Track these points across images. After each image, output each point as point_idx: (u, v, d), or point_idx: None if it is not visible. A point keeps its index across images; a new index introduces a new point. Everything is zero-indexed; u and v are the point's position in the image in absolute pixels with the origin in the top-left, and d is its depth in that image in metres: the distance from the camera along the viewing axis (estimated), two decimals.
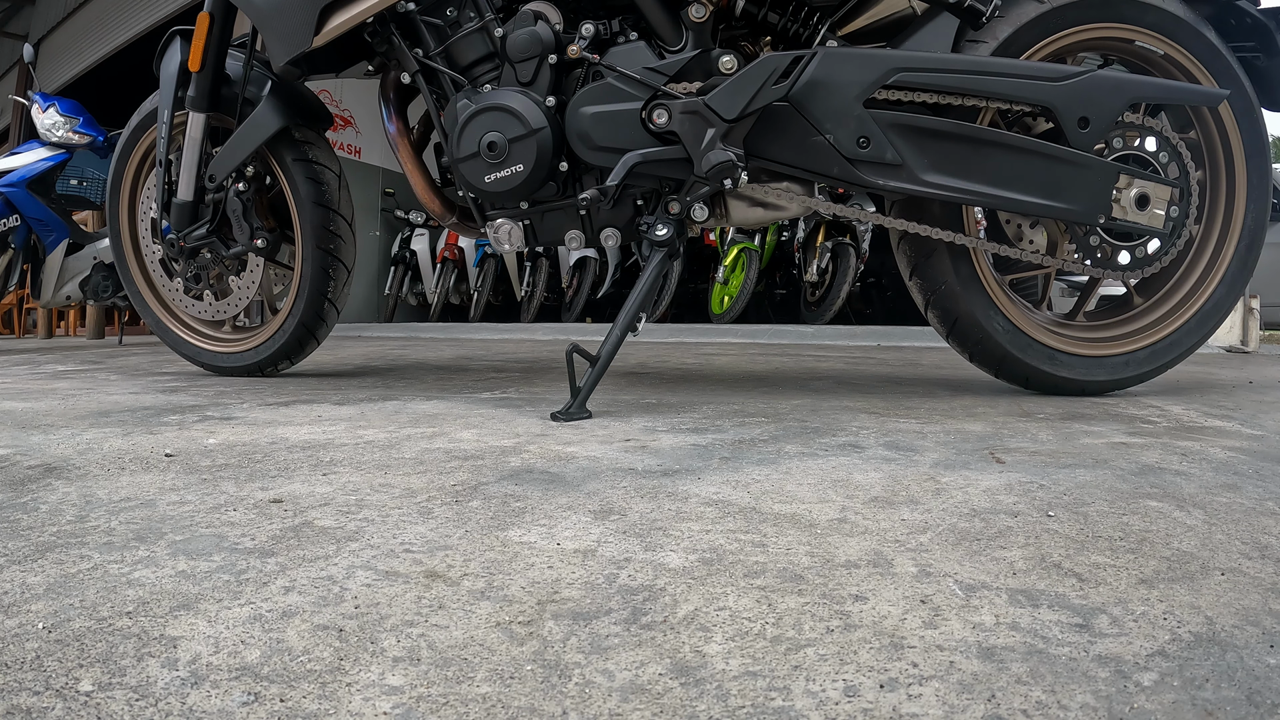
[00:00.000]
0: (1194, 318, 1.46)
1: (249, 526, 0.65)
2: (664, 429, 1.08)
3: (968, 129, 1.27)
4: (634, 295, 1.26)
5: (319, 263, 1.74)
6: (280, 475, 0.82)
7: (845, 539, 0.60)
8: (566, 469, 0.84)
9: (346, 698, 0.38)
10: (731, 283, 5.54)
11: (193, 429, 1.12)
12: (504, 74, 1.40)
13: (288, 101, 1.69)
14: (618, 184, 1.33)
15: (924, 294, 1.44)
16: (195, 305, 1.89)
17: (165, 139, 1.75)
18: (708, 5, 1.31)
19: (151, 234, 1.93)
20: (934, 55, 1.27)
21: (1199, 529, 0.62)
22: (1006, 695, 0.38)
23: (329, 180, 1.76)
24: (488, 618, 0.47)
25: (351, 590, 0.51)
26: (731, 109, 1.26)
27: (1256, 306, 3.20)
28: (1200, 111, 1.45)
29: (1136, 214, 1.32)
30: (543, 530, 0.63)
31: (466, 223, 1.60)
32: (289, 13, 1.46)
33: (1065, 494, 0.73)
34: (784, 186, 1.38)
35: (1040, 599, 0.49)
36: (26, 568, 0.55)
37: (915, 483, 0.77)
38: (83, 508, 0.71)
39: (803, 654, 0.42)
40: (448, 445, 0.98)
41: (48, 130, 3.49)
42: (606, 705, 0.37)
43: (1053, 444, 0.97)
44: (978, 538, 0.60)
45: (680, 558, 0.56)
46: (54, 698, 0.38)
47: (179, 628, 0.46)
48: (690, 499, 0.71)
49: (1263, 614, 0.46)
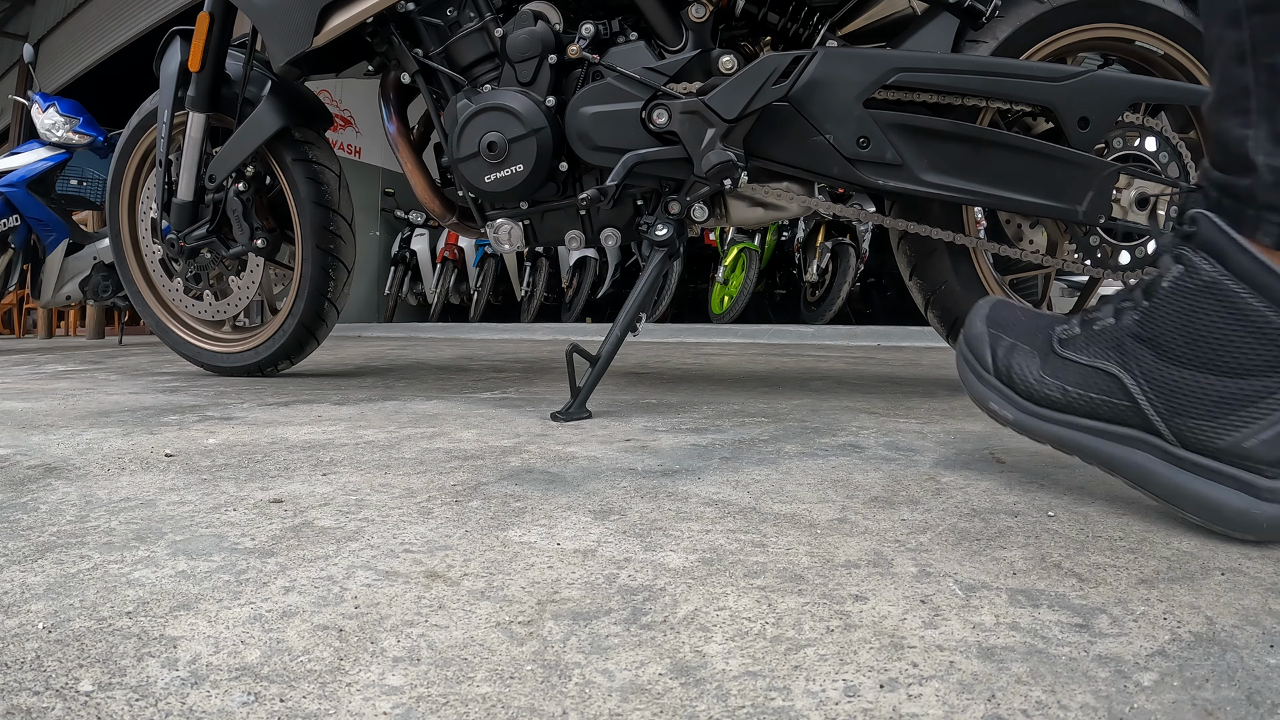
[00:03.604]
0: None
1: (249, 526, 0.65)
2: (664, 429, 1.08)
3: (968, 129, 1.27)
4: (634, 295, 1.26)
5: (319, 263, 1.74)
6: (280, 475, 0.83)
7: (845, 539, 0.60)
8: (566, 469, 0.84)
9: (346, 698, 0.38)
10: (731, 283, 5.55)
11: (193, 429, 1.12)
12: (504, 74, 1.40)
13: (288, 101, 1.69)
14: (618, 184, 1.33)
15: (924, 294, 1.44)
16: (195, 305, 1.90)
17: (165, 139, 1.75)
18: (708, 5, 1.31)
19: (151, 234, 1.93)
20: (934, 55, 1.27)
21: (1199, 529, 0.62)
22: (1006, 695, 0.38)
23: (329, 180, 1.76)
24: (488, 618, 0.47)
25: (351, 590, 0.51)
26: (731, 109, 1.26)
27: None
28: (1200, 111, 1.45)
29: (1136, 214, 1.33)
30: (543, 530, 0.63)
31: (466, 223, 1.60)
32: (289, 13, 1.46)
33: (1065, 494, 0.73)
34: (784, 186, 1.38)
35: (1040, 599, 0.49)
36: (26, 568, 0.55)
37: (915, 483, 0.77)
38: (83, 508, 0.71)
39: (803, 654, 0.42)
40: (448, 445, 0.98)
41: (48, 130, 3.49)
42: (606, 705, 0.37)
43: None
44: (978, 538, 0.60)
45: (680, 558, 0.56)
46: (54, 698, 0.38)
47: (179, 628, 0.46)
48: (690, 499, 0.71)
49: (1263, 614, 0.46)
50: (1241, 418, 0.60)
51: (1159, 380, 0.63)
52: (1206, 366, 0.61)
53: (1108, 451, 0.67)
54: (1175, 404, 0.62)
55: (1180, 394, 0.62)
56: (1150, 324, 0.64)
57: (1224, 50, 0.61)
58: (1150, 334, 0.64)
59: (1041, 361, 0.71)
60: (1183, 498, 0.63)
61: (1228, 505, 0.61)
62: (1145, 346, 0.64)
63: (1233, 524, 0.61)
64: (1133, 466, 0.66)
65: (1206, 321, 0.60)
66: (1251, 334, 0.59)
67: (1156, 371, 0.63)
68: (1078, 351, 0.69)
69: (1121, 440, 0.66)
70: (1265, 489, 0.59)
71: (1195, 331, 0.61)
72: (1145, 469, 0.65)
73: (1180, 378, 0.62)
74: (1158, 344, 0.63)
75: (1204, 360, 0.61)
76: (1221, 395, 0.60)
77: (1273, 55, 0.57)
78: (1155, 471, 0.64)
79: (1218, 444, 0.61)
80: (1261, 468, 0.59)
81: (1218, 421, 0.61)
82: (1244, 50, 0.58)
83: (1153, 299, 0.64)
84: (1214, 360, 0.60)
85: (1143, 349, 0.64)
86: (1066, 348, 0.70)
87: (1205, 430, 0.61)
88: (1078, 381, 0.68)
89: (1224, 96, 0.61)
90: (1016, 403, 0.72)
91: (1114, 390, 0.66)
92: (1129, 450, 0.66)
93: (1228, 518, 0.61)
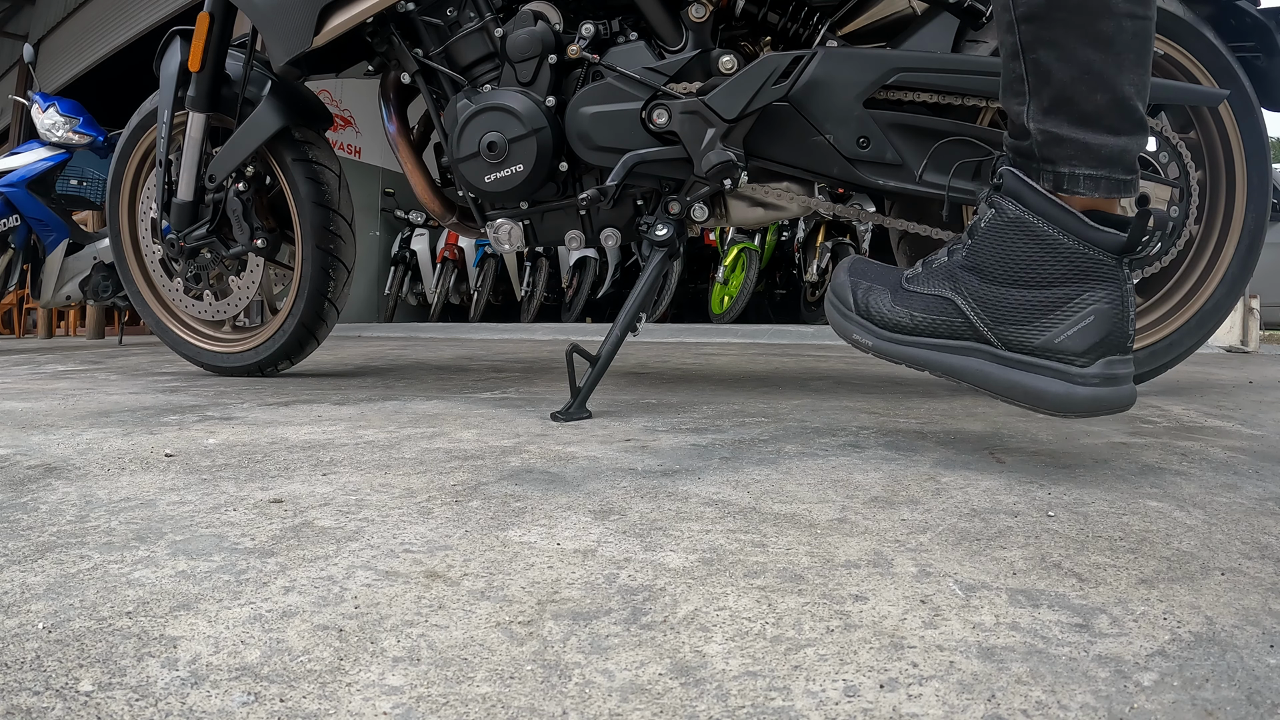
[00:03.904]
0: (1194, 318, 1.46)
1: (249, 526, 0.65)
2: (664, 429, 1.08)
3: (968, 129, 1.27)
4: (634, 295, 1.26)
5: (319, 263, 1.74)
6: (280, 475, 0.83)
7: (845, 539, 0.60)
8: (566, 469, 0.84)
9: (346, 698, 0.38)
10: (731, 283, 5.55)
11: (193, 429, 1.12)
12: (504, 74, 1.40)
13: (287, 101, 1.69)
14: (617, 184, 1.33)
15: None
16: (195, 305, 1.89)
17: (165, 139, 1.75)
18: (708, 5, 1.31)
19: (151, 234, 1.93)
20: (934, 55, 1.27)
21: (1199, 529, 0.62)
22: (1006, 695, 0.38)
23: (329, 180, 1.76)
24: (488, 618, 0.47)
25: (351, 590, 0.51)
26: (731, 109, 1.26)
27: (1256, 306, 3.20)
28: (1200, 112, 1.45)
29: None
30: (543, 530, 0.63)
31: (466, 223, 1.60)
32: (289, 13, 1.46)
33: (1065, 494, 0.73)
34: (784, 186, 1.38)
35: (1040, 599, 0.49)
36: (26, 568, 0.55)
37: (915, 483, 0.77)
38: (83, 508, 0.71)
39: (803, 654, 0.42)
40: (448, 445, 0.98)
41: (48, 130, 3.49)
42: (606, 705, 0.37)
43: (1053, 444, 0.97)
44: (978, 538, 0.60)
45: (680, 558, 0.56)
46: (54, 698, 0.38)
47: (179, 628, 0.46)
48: (690, 499, 0.72)
49: (1263, 614, 0.46)
50: (1050, 320, 0.76)
51: (984, 298, 0.80)
52: (1019, 282, 0.78)
53: (950, 362, 0.82)
54: (999, 314, 0.79)
55: (1002, 307, 0.78)
56: (974, 256, 0.80)
57: (1005, 50, 0.80)
58: (974, 263, 0.80)
59: (893, 296, 0.86)
60: (1014, 389, 0.78)
61: (1050, 392, 0.77)
62: (971, 274, 0.81)
63: (1055, 406, 0.77)
64: (971, 371, 0.81)
65: (1015, 247, 0.78)
66: (1048, 253, 0.76)
67: (982, 291, 0.80)
68: (920, 285, 0.84)
69: (960, 351, 0.82)
70: (1078, 375, 0.76)
71: (1008, 256, 0.78)
72: (982, 371, 0.80)
73: (1000, 294, 0.79)
74: (980, 270, 0.80)
75: (1017, 278, 0.78)
76: (1033, 304, 0.77)
77: (1036, 53, 0.76)
78: (989, 373, 0.80)
79: (1035, 342, 0.77)
80: (1073, 359, 0.76)
81: (1033, 325, 0.77)
82: (1017, 50, 0.78)
83: (975, 236, 0.81)
84: (1024, 277, 0.77)
85: (970, 275, 0.81)
86: (911, 283, 0.85)
87: (1024, 333, 0.78)
88: (922, 307, 0.83)
89: (1007, 84, 0.81)
90: (875, 331, 0.86)
91: (950, 311, 0.82)
92: (966, 359, 0.81)
93: (1051, 402, 0.76)
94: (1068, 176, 0.77)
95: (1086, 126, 0.75)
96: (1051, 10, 0.74)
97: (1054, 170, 0.77)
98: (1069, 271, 0.75)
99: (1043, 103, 0.77)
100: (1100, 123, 0.75)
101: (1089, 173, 0.76)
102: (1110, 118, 0.76)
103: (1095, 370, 0.75)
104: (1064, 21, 0.74)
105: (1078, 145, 0.76)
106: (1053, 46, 0.75)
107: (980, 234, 0.80)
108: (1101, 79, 0.74)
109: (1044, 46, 0.76)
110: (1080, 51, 0.74)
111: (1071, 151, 0.76)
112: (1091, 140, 0.76)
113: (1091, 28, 0.74)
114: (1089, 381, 0.75)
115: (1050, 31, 0.75)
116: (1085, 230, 0.75)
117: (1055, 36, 0.75)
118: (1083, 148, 0.76)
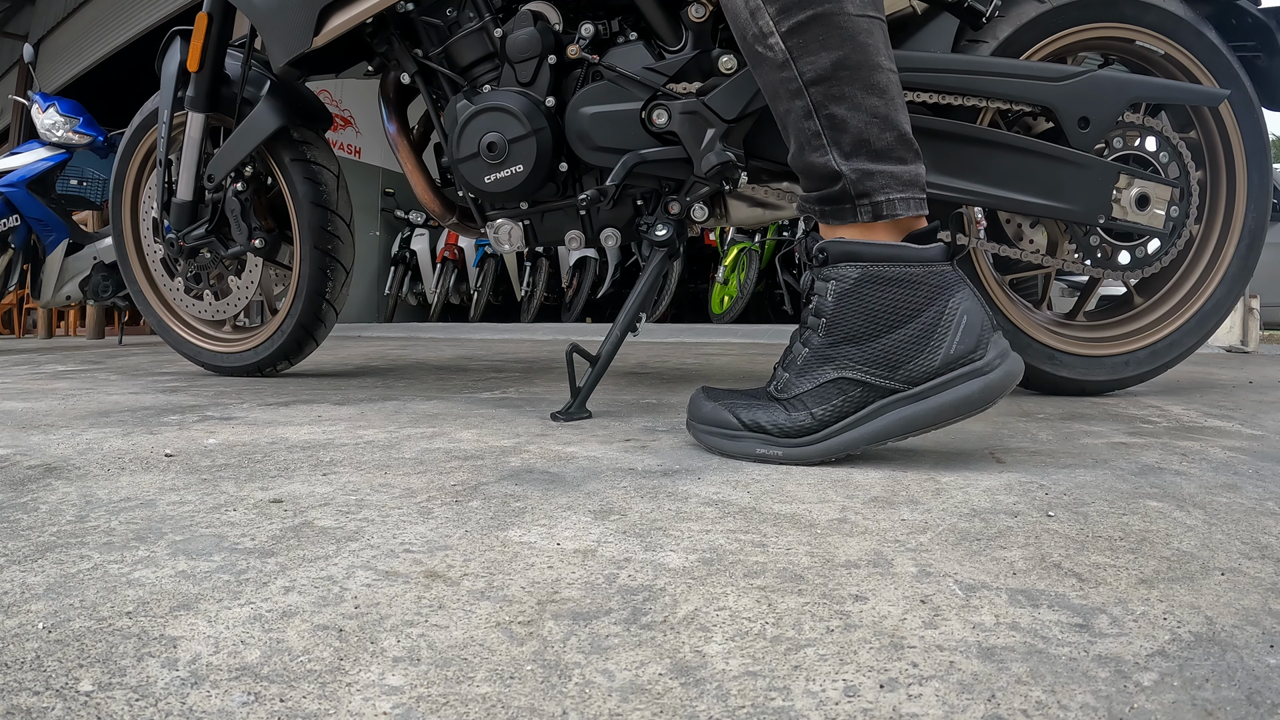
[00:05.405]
0: (1194, 318, 1.46)
1: (249, 526, 0.65)
2: (664, 429, 1.08)
3: (968, 129, 1.27)
4: (634, 295, 1.26)
5: (317, 263, 1.74)
6: (280, 475, 0.83)
7: (845, 539, 0.60)
8: (566, 469, 0.84)
9: (346, 698, 0.38)
10: (731, 283, 5.55)
11: (193, 429, 1.12)
12: (503, 74, 1.40)
13: (286, 101, 1.69)
14: (617, 184, 1.33)
15: None
16: (195, 305, 1.90)
17: (165, 139, 1.75)
18: (707, 5, 1.31)
19: (153, 233, 1.93)
20: (934, 55, 1.27)
21: (1199, 529, 0.62)
22: (1006, 695, 0.38)
23: (327, 180, 1.76)
24: (488, 618, 0.47)
25: (351, 590, 0.51)
26: (731, 109, 1.26)
27: (1256, 306, 3.20)
28: (1201, 111, 1.45)
29: (1136, 214, 1.32)
30: (543, 530, 0.63)
31: (466, 223, 1.60)
32: (288, 13, 1.46)
33: (1065, 494, 0.73)
34: (784, 186, 1.38)
35: (1040, 599, 0.49)
36: (26, 568, 0.55)
37: (915, 483, 0.77)
38: (83, 508, 0.71)
39: (803, 654, 0.42)
40: (448, 445, 0.98)
41: (48, 130, 3.49)
42: (606, 705, 0.37)
43: (1053, 444, 0.97)
44: (978, 538, 0.60)
45: (680, 558, 0.56)
46: (54, 698, 0.38)
47: (179, 628, 0.46)
48: (690, 499, 0.72)
49: (1263, 614, 0.46)
50: (936, 339, 0.81)
51: (870, 358, 0.83)
52: (893, 326, 0.82)
53: (872, 429, 0.83)
54: (892, 362, 0.82)
55: (890, 355, 0.82)
56: (835, 329, 0.84)
57: (794, 114, 0.89)
58: (841, 335, 0.84)
59: (781, 407, 0.87)
60: (943, 412, 0.82)
61: (972, 393, 0.81)
62: (844, 345, 0.84)
63: (984, 401, 0.82)
64: (897, 423, 0.83)
65: (874, 300, 0.83)
66: (905, 288, 0.82)
67: (864, 353, 0.83)
68: (799, 385, 0.86)
69: (875, 415, 0.83)
70: (984, 365, 0.81)
71: (871, 311, 0.82)
72: (905, 417, 0.82)
73: (882, 345, 0.82)
74: (852, 337, 0.83)
75: (889, 323, 0.82)
76: (914, 336, 0.82)
77: (829, 109, 0.86)
78: (913, 414, 0.82)
79: (935, 364, 0.81)
80: (971, 357, 0.81)
81: (924, 352, 0.81)
82: (809, 110, 0.87)
83: (826, 314, 0.85)
84: (894, 319, 0.82)
85: (844, 347, 0.84)
86: (788, 388, 0.87)
87: (922, 364, 0.82)
88: (818, 401, 0.85)
89: (802, 144, 0.89)
90: (779, 442, 0.86)
91: (847, 387, 0.84)
92: (884, 418, 0.83)
93: (979, 400, 0.81)
94: (885, 203, 0.85)
95: (884, 160, 0.86)
96: (836, 71, 0.85)
97: (871, 201, 0.86)
98: (928, 293, 0.82)
99: (844, 148, 0.86)
100: (892, 155, 0.86)
101: (901, 195, 0.86)
102: (899, 150, 0.87)
103: (992, 353, 0.82)
104: (848, 79, 0.85)
105: (885, 175, 0.86)
106: (842, 100, 0.86)
107: (831, 308, 0.84)
108: (887, 120, 0.86)
109: (834, 102, 0.86)
110: (865, 101, 0.85)
111: (882, 181, 0.86)
112: (892, 169, 0.86)
113: (870, 80, 0.86)
114: (994, 365, 0.81)
115: (838, 88, 0.86)
116: (921, 253, 0.83)
117: (843, 92, 0.85)
118: (889, 175, 0.86)
